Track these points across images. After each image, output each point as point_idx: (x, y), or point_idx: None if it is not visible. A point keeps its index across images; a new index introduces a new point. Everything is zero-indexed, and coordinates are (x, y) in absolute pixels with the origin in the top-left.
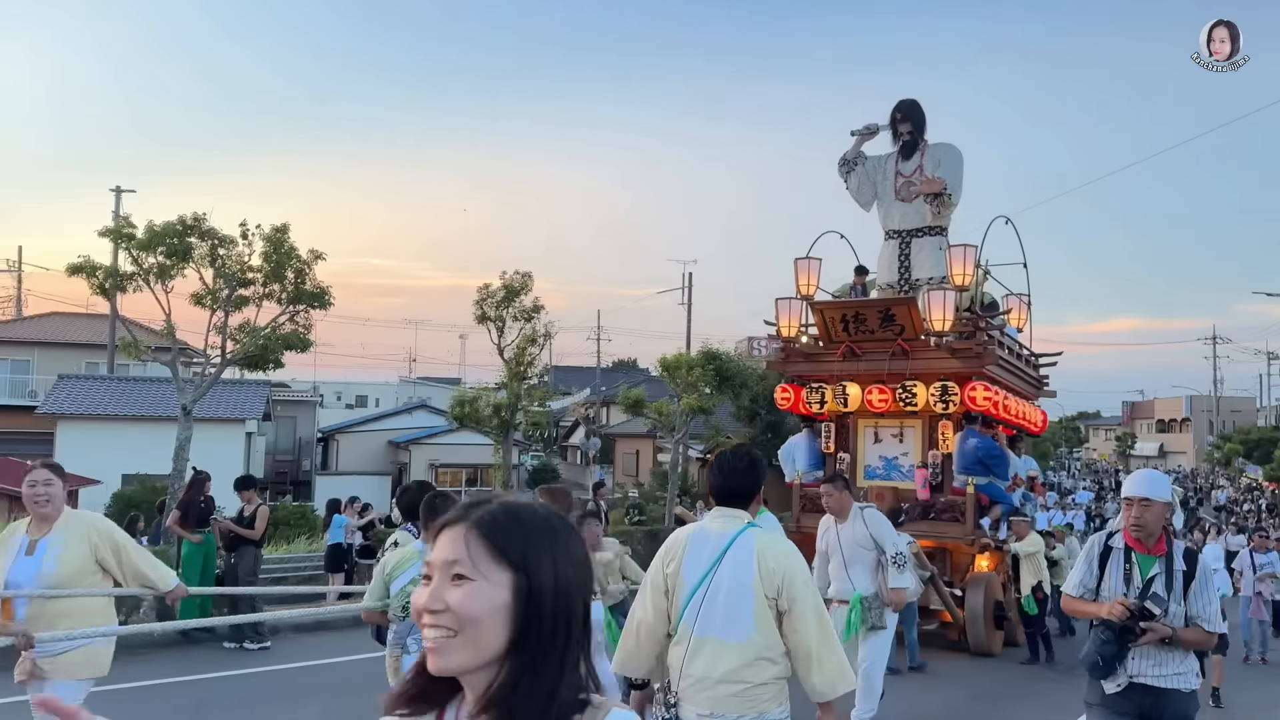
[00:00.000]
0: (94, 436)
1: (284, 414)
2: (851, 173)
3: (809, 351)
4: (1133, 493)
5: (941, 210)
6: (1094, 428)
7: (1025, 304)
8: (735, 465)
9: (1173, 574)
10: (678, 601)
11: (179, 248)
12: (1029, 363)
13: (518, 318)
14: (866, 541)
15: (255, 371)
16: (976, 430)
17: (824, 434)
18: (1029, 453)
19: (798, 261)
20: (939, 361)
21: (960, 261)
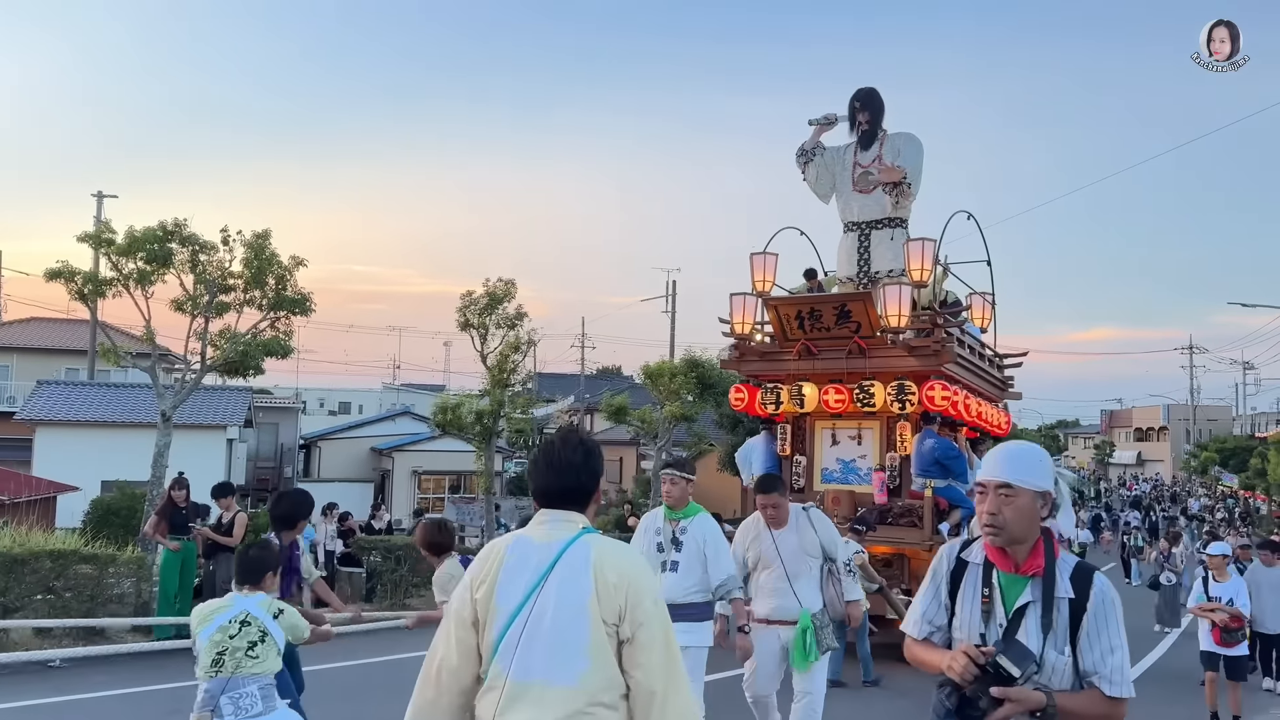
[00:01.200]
0: (73, 443)
1: (266, 420)
2: (810, 163)
3: (764, 350)
4: (989, 476)
5: (901, 201)
6: (1073, 436)
7: (989, 303)
8: (566, 457)
9: (1052, 606)
10: (490, 635)
11: (159, 253)
12: (993, 363)
13: (501, 325)
14: (814, 549)
15: (236, 378)
16: (934, 431)
17: (780, 436)
18: None
19: (754, 256)
20: (896, 360)
21: (918, 256)
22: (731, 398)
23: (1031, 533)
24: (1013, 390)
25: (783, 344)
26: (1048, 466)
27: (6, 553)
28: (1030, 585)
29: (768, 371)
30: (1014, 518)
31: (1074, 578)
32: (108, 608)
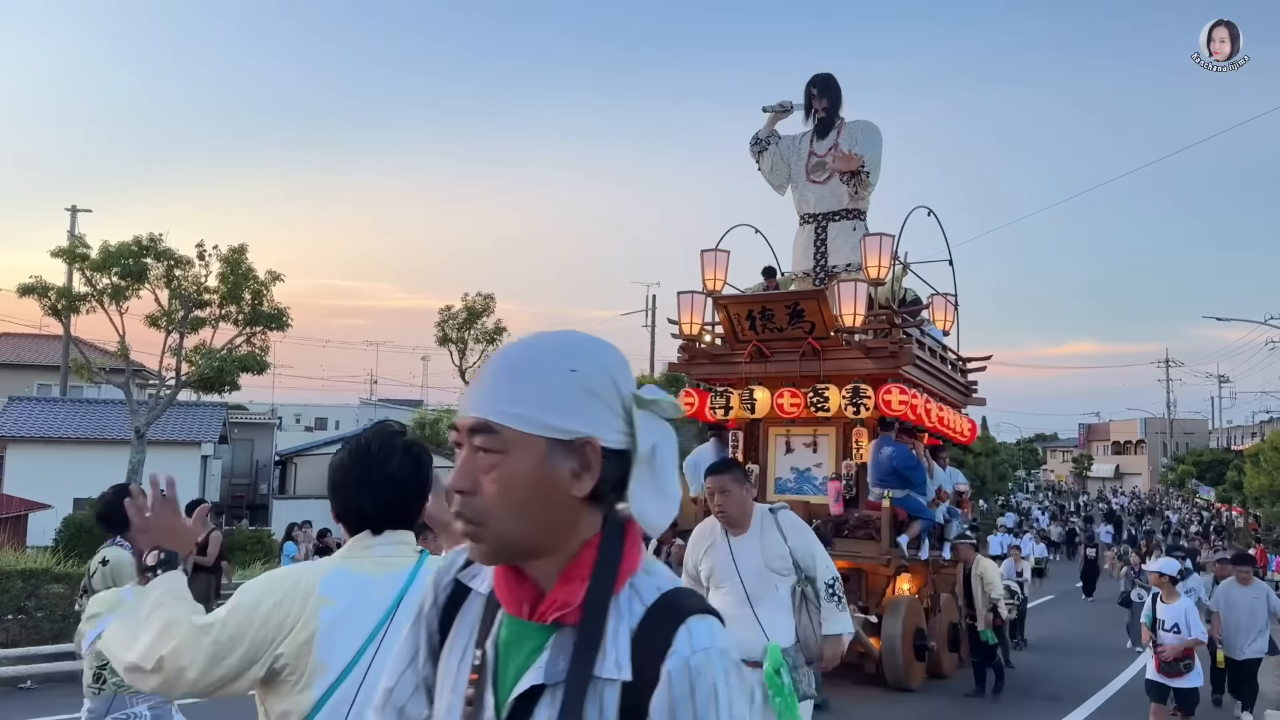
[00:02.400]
0: (45, 460)
1: (241, 436)
2: (764, 153)
3: (715, 353)
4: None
5: (859, 191)
6: (1051, 449)
7: (951, 304)
8: (392, 469)
9: (583, 695)
10: (310, 694)
11: (134, 268)
12: (956, 367)
13: (480, 339)
14: (783, 562)
15: (211, 394)
16: (892, 438)
17: (731, 443)
18: (996, 469)
19: (704, 254)
20: (852, 362)
21: (876, 252)
22: (680, 402)
23: (558, 530)
24: (977, 396)
25: (734, 346)
26: (595, 370)
27: None
28: (551, 646)
29: (718, 375)
30: (499, 500)
31: (641, 636)
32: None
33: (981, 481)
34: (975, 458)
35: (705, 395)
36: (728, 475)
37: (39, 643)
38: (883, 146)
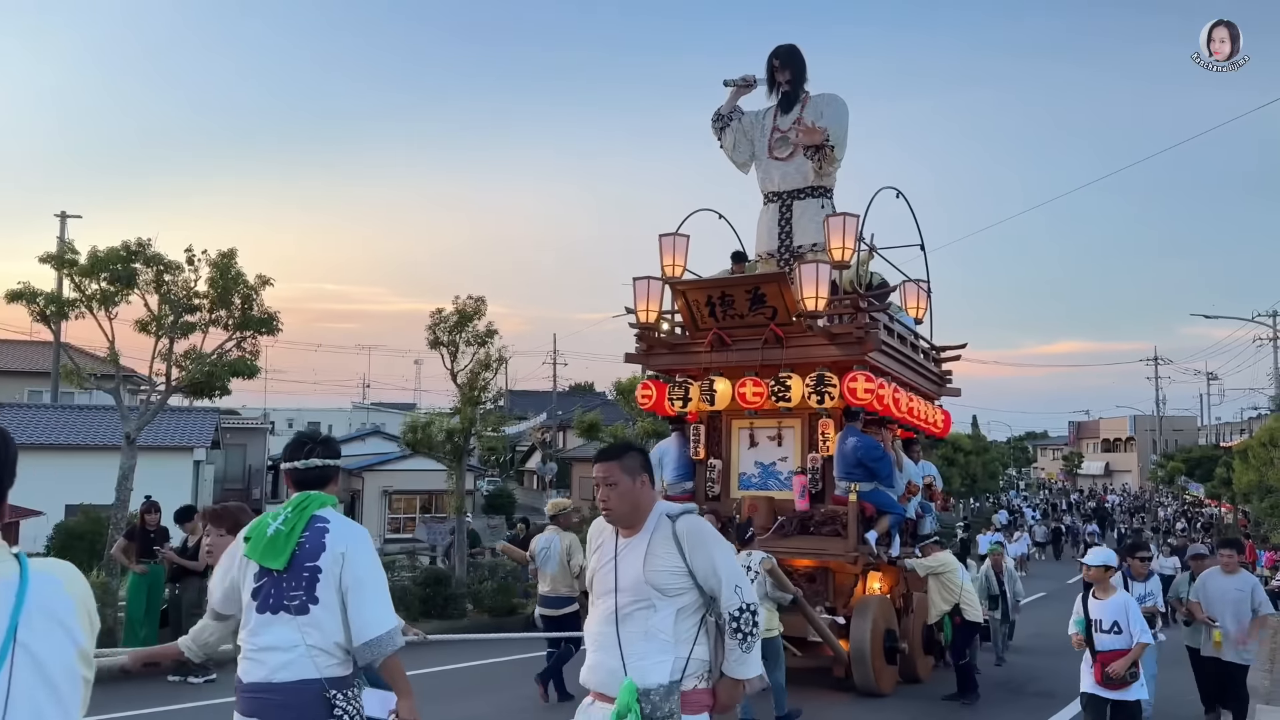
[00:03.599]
0: (36, 466)
1: (233, 442)
2: (726, 129)
3: (674, 342)
4: None
5: (824, 166)
6: (1042, 447)
7: (924, 290)
8: None
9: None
10: None
11: (123, 273)
12: (929, 356)
13: (471, 342)
14: (671, 579)
15: (202, 399)
16: (858, 428)
17: (693, 437)
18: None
19: (662, 238)
20: (816, 349)
21: (839, 233)
22: (638, 395)
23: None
24: (951, 386)
25: (693, 334)
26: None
27: None
28: None
29: (678, 365)
30: (619, 501)
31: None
32: None
33: (973, 480)
34: (966, 456)
35: (664, 387)
36: (615, 463)
37: None
38: (849, 119)
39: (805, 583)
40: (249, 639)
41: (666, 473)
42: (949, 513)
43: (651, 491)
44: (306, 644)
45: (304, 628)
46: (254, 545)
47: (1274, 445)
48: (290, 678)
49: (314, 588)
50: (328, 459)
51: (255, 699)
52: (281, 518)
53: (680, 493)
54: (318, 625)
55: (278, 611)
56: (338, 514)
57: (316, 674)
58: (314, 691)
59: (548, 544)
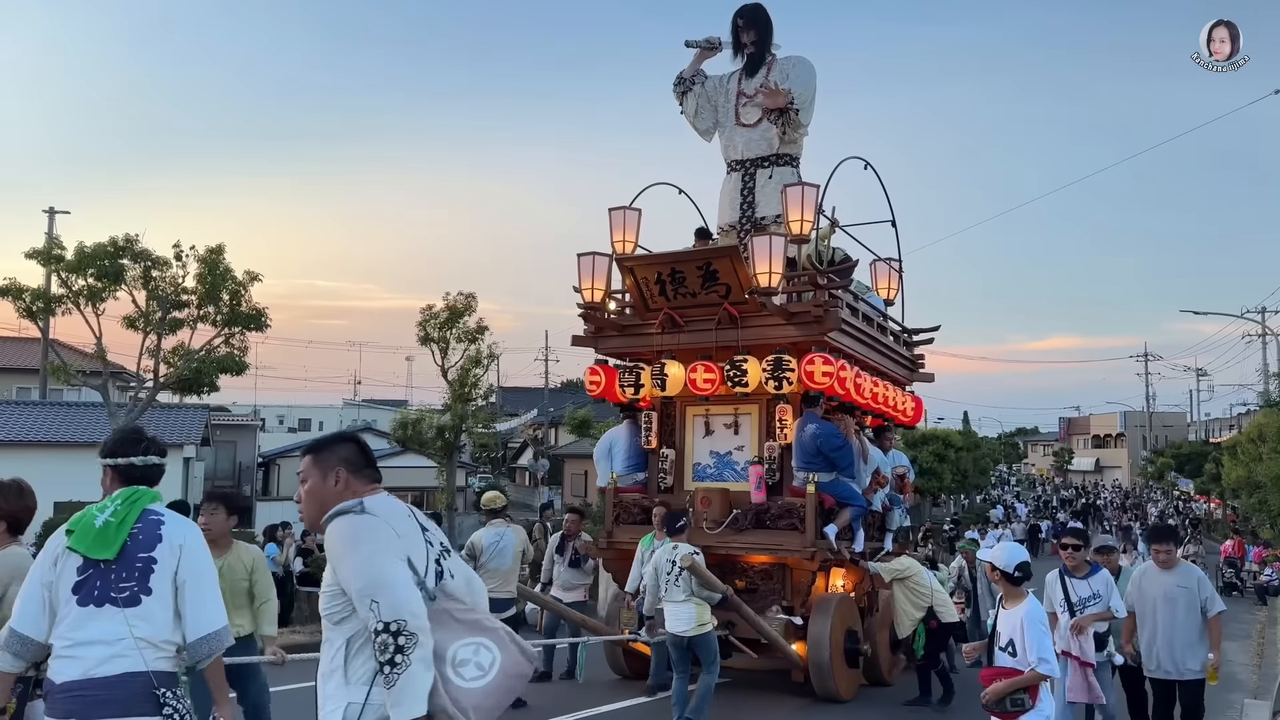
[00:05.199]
0: (24, 464)
1: (224, 438)
2: (688, 94)
3: (625, 323)
4: None
5: (789, 131)
6: (1032, 443)
7: (895, 270)
8: None
9: None
10: None
11: (110, 269)
12: (900, 340)
13: (461, 339)
14: (328, 600)
15: (190, 395)
16: (817, 415)
17: (645, 425)
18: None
19: (612, 212)
20: (773, 329)
21: (798, 204)
22: (586, 380)
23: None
24: (923, 372)
25: (644, 315)
26: None
27: None
28: None
29: (629, 348)
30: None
31: None
32: None
33: (963, 476)
34: (957, 452)
35: (614, 372)
36: (311, 457)
37: None
38: (816, 83)
39: (761, 580)
40: (65, 635)
41: (616, 463)
42: (940, 508)
43: (348, 491)
44: (134, 636)
45: (132, 620)
46: (79, 537)
47: (1263, 441)
48: (114, 671)
49: (147, 578)
50: (161, 458)
51: (72, 698)
52: (110, 510)
53: (631, 484)
54: (148, 617)
55: (102, 604)
56: (168, 509)
57: (144, 667)
58: (141, 685)
59: (498, 538)
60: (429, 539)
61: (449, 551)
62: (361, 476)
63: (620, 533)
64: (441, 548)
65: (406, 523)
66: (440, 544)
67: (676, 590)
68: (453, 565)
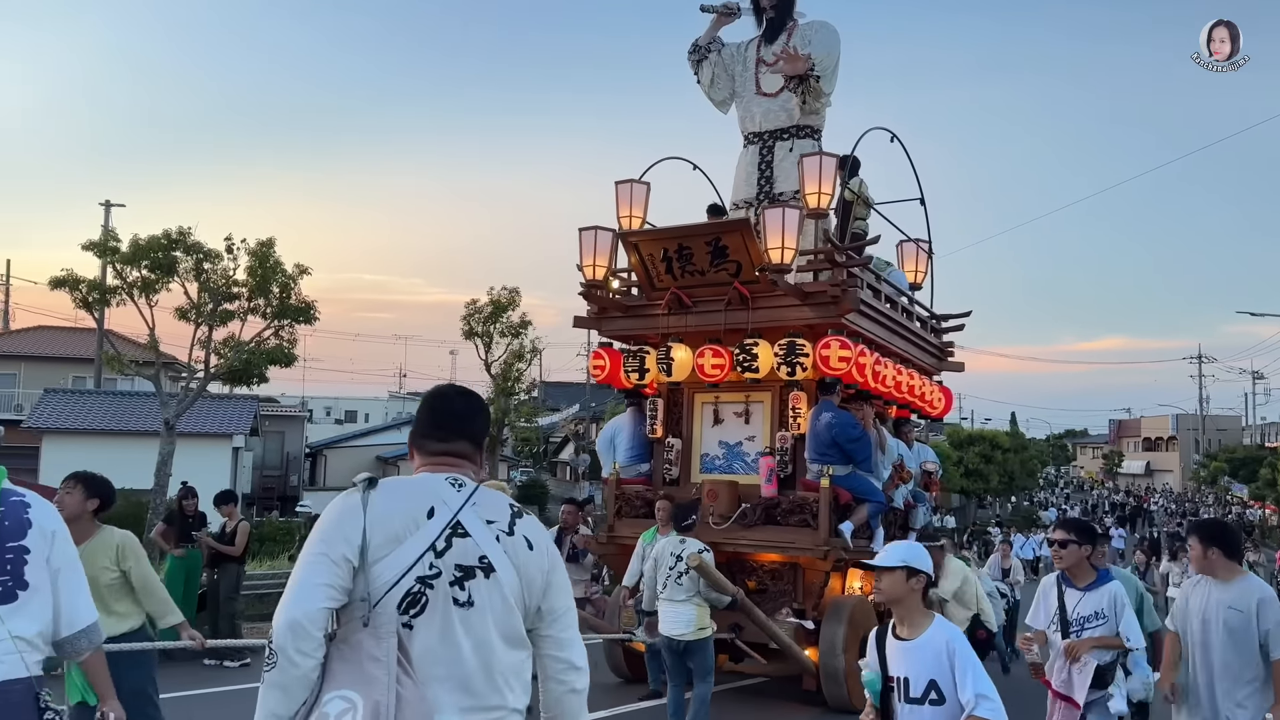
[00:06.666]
0: (79, 451)
1: (272, 429)
2: (703, 62)
3: (629, 304)
4: None
5: (810, 101)
6: (1081, 446)
7: (924, 251)
8: None
9: None
10: None
11: (163, 261)
12: (927, 325)
13: (504, 333)
14: None
15: (239, 386)
16: (833, 403)
17: (650, 413)
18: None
19: (619, 185)
20: (787, 310)
21: (815, 176)
22: (590, 365)
23: None
24: (953, 360)
25: (650, 295)
26: None
27: None
28: None
29: (634, 330)
30: None
31: None
32: None
33: (1010, 478)
34: (1004, 454)
35: (619, 356)
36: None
37: None
38: (840, 49)
39: (770, 580)
40: None
41: (619, 454)
42: (985, 510)
43: (416, 466)
44: (12, 636)
45: (8, 618)
46: None
47: None
48: None
49: (21, 570)
50: None
51: None
52: None
53: (634, 475)
54: (26, 613)
55: None
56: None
57: (26, 672)
58: (23, 692)
59: None
60: (453, 542)
61: (481, 570)
62: (422, 449)
63: (622, 527)
64: (481, 565)
65: (407, 516)
66: (480, 561)
67: (677, 589)
68: (482, 590)
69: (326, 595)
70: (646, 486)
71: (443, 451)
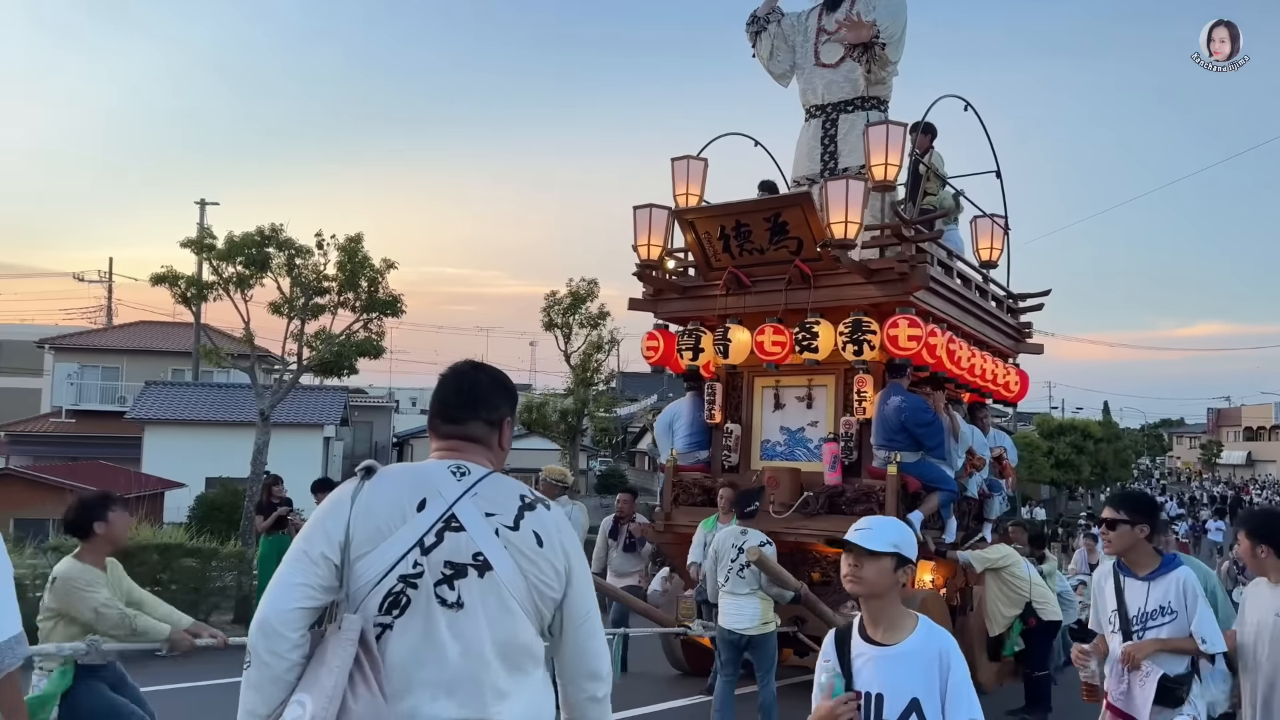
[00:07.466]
0: (179, 441)
1: (360, 419)
2: (762, 33)
3: (686, 285)
4: None
5: (875, 70)
6: (1178, 436)
7: (1000, 227)
8: None
9: None
10: None
11: (257, 257)
12: (1003, 305)
13: (583, 324)
14: None
15: (330, 378)
16: (902, 386)
17: (708, 397)
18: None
19: (675, 162)
20: (852, 289)
21: (881, 146)
22: (643, 347)
23: None
24: (1031, 342)
25: (707, 275)
26: None
27: None
28: None
29: (691, 312)
30: None
31: None
32: (211, 599)
33: (1103, 469)
34: (1096, 444)
35: (674, 338)
36: None
37: None
38: (906, 15)
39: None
40: None
41: (677, 440)
42: (1076, 502)
43: None
44: None
45: None
46: None
47: None
48: None
49: None
50: None
51: None
52: None
53: (692, 463)
54: None
55: None
56: None
57: None
58: None
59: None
60: (444, 537)
61: (475, 569)
62: (434, 431)
63: (679, 515)
64: (475, 563)
65: (395, 508)
66: (474, 558)
67: (739, 581)
68: (474, 590)
69: (302, 594)
70: (705, 473)
71: (452, 434)
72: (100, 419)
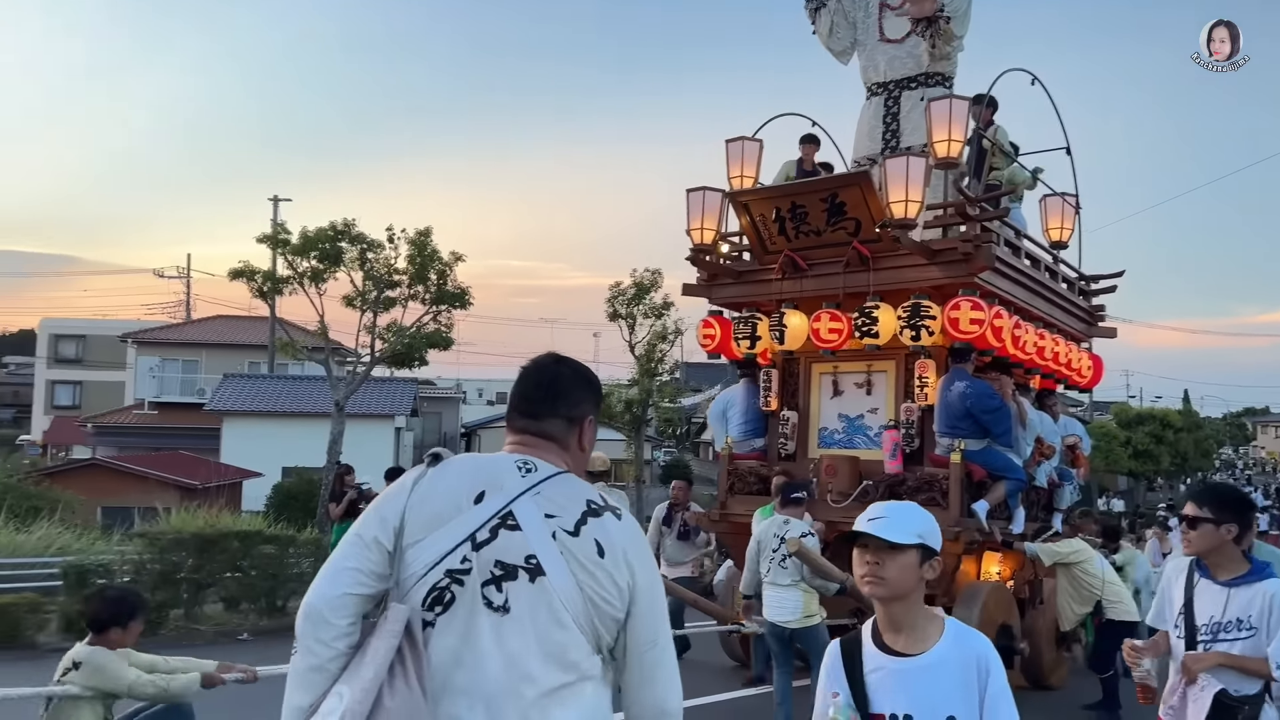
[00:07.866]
0: (256, 431)
1: (430, 410)
2: (821, 9)
3: (742, 269)
4: None
5: (939, 45)
6: (1263, 425)
7: (1071, 206)
8: None
9: None
10: None
11: (330, 252)
12: (1074, 287)
13: (647, 315)
14: None
15: (402, 369)
16: (966, 371)
17: (764, 384)
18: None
19: (729, 144)
20: (912, 270)
21: (944, 122)
22: (699, 334)
23: None
24: (1104, 326)
25: (762, 259)
26: None
27: (199, 534)
28: None
29: (747, 297)
30: None
31: None
32: (289, 585)
33: (1183, 459)
34: (1176, 433)
35: (730, 325)
36: None
37: (252, 599)
38: None
39: None
40: None
41: (732, 428)
42: (1155, 493)
43: None
44: None
45: None
46: None
47: None
48: None
49: None
50: None
51: None
52: None
53: (748, 450)
54: None
55: None
56: None
57: None
58: None
59: None
60: (499, 534)
61: (526, 572)
62: (510, 425)
63: (735, 504)
64: (527, 566)
65: (451, 499)
66: (526, 561)
67: (782, 572)
68: (523, 595)
69: (352, 579)
70: (761, 462)
71: (526, 429)
72: (181, 410)
